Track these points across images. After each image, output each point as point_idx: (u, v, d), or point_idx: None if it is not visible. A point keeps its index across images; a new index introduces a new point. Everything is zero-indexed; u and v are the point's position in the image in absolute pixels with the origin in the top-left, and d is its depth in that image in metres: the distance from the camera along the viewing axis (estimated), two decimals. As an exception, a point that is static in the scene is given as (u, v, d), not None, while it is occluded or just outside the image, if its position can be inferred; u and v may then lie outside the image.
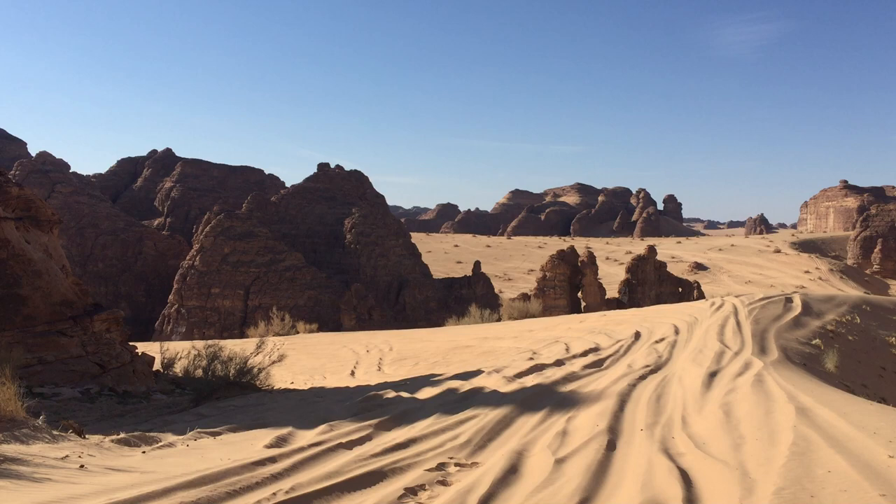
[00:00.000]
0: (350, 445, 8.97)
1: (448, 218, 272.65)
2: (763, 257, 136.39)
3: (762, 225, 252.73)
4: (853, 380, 22.04)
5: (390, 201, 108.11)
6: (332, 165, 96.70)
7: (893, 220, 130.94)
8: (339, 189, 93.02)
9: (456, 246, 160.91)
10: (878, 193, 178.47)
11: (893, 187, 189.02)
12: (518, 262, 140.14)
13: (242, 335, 54.39)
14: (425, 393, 13.56)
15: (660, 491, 6.69)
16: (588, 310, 61.36)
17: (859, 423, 8.83)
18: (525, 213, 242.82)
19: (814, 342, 24.64)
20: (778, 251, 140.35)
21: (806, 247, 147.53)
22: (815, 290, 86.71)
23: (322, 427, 10.08)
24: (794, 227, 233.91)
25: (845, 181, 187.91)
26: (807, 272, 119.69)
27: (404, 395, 13.35)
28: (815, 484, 6.41)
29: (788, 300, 32.17)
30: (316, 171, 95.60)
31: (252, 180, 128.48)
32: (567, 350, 19.73)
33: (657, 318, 27.43)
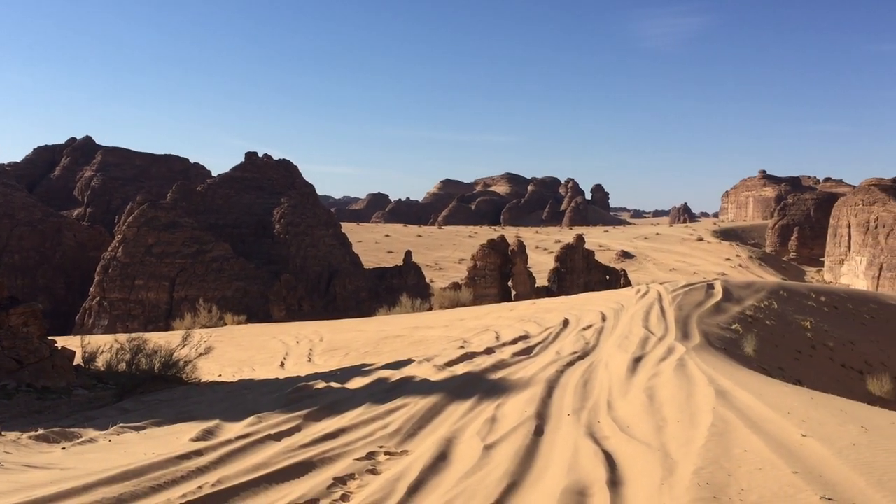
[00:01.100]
0: (279, 437, 8.89)
1: (379, 207, 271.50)
2: (686, 245, 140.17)
3: (686, 214, 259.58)
4: (770, 363, 22.87)
5: (320, 191, 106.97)
6: (261, 154, 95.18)
7: (809, 209, 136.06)
8: (268, 178, 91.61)
9: (387, 236, 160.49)
10: (794, 183, 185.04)
11: (809, 177, 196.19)
12: (449, 251, 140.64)
13: (168, 328, 53.14)
14: (356, 383, 13.51)
15: (585, 474, 6.84)
16: (518, 298, 62.01)
17: (775, 404, 9.19)
18: (456, 203, 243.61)
19: (733, 327, 25.47)
20: (700, 239, 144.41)
21: (727, 235, 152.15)
22: (736, 276, 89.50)
23: (250, 419, 9.96)
24: (715, 215, 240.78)
25: (764, 171, 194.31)
26: (728, 259, 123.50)
27: (335, 385, 13.28)
28: (733, 463, 6.65)
29: (710, 287, 33.13)
30: (244, 160, 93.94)
31: (177, 169, 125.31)
32: (497, 338, 19.91)
33: (585, 306, 27.92)
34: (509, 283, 71.11)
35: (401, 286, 75.68)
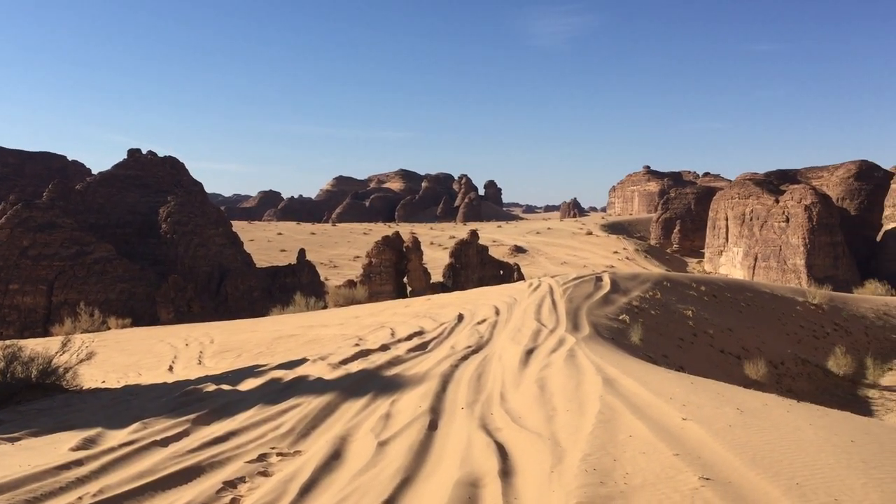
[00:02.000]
0: (165, 442, 8.60)
1: (271, 205, 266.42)
2: (577, 239, 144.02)
3: (575, 209, 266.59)
4: (655, 351, 23.80)
5: (209, 188, 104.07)
6: (145, 151, 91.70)
7: (690, 202, 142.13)
8: (153, 176, 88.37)
9: (279, 234, 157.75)
10: (676, 178, 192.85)
11: (689, 172, 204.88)
12: (343, 248, 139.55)
13: (46, 333, 50.51)
14: (248, 384, 13.23)
15: (478, 465, 6.93)
16: (414, 294, 62.18)
17: (658, 390, 9.55)
18: (350, 200, 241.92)
19: (621, 317, 26.36)
20: (590, 233, 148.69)
21: (614, 229, 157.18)
22: (623, 269, 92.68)
23: (135, 425, 9.59)
24: (604, 210, 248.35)
25: (648, 167, 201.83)
26: (615, 252, 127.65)
27: (225, 387, 12.96)
28: (618, 448, 6.88)
29: (598, 279, 34.15)
30: (126, 157, 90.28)
31: (54, 167, 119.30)
32: (392, 335, 19.90)
33: (479, 301, 28.28)
34: (405, 279, 71.21)
35: (295, 285, 74.53)
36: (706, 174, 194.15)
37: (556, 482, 6.19)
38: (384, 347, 16.96)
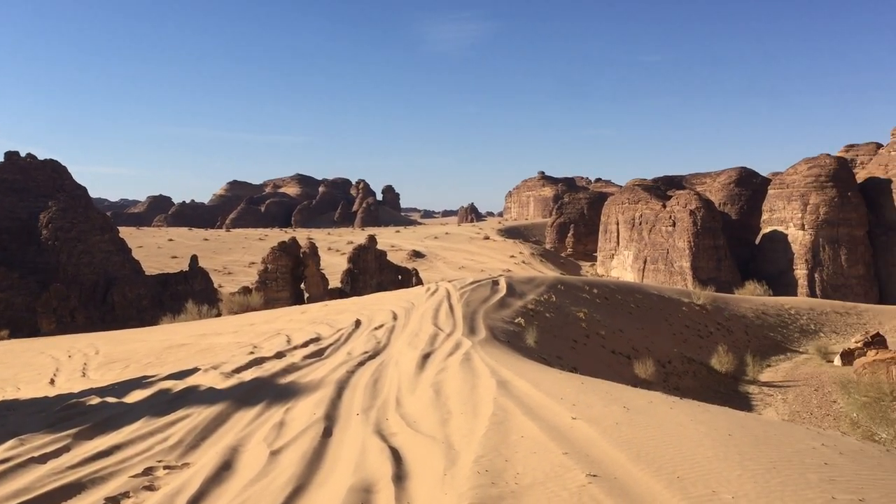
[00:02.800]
0: (43, 459, 8.18)
1: (161, 210, 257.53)
2: (474, 244, 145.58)
3: (473, 213, 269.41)
4: (550, 352, 24.32)
5: (94, 193, 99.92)
6: (24, 154, 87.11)
7: (583, 207, 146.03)
8: (33, 180, 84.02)
9: (170, 240, 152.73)
10: (570, 183, 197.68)
11: (582, 178, 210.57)
12: (238, 254, 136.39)
13: (-86, 348, 47.19)
14: (135, 396, 12.75)
15: (372, 471, 6.91)
16: (311, 300, 61.39)
17: (550, 391, 9.77)
18: (244, 205, 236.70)
19: (517, 320, 26.82)
20: (487, 238, 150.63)
21: (511, 233, 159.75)
22: (519, 272, 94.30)
23: (11, 442, 9.08)
24: (500, 214, 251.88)
25: (543, 172, 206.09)
26: (512, 256, 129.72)
27: (111, 400, 12.44)
28: (510, 449, 6.99)
29: (495, 283, 34.65)
30: (3, 160, 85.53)
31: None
32: (288, 341, 19.63)
33: (377, 306, 28.20)
34: (302, 285, 70.25)
35: (187, 292, 72.33)
36: (598, 180, 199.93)
37: (449, 484, 6.24)
38: (279, 355, 16.68)
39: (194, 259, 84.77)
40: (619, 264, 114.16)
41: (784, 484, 5.60)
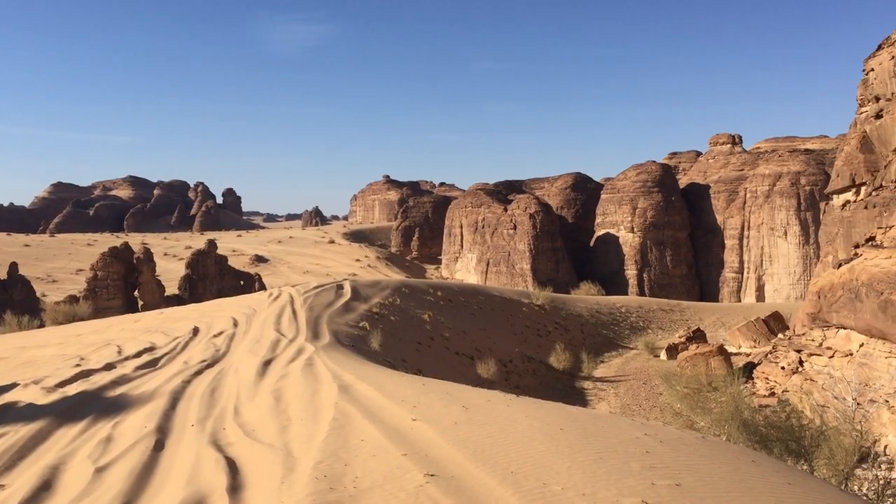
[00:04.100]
0: None
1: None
2: (319, 248, 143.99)
3: (317, 217, 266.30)
4: (395, 355, 24.45)
5: None
6: None
7: (427, 211, 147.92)
8: None
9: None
10: (415, 188, 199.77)
11: (427, 182, 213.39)
12: (64, 261, 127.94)
13: None
14: (-60, 417, 11.66)
15: (206, 483, 6.68)
16: (146, 308, 58.59)
17: (392, 393, 9.82)
18: (71, 208, 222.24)
19: (361, 324, 26.79)
20: (332, 241, 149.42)
21: (356, 237, 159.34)
22: (365, 276, 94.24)
23: None
24: (345, 218, 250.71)
25: (388, 176, 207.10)
26: (358, 260, 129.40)
27: (-88, 422, 11.32)
28: (350, 453, 6.97)
29: (340, 287, 34.46)
30: None
31: None
32: (119, 352, 18.63)
33: (217, 313, 27.30)
34: (136, 293, 66.89)
35: (5, 302, 67.00)
36: (442, 184, 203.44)
37: (287, 492, 6.13)
38: (109, 366, 15.80)
39: (14, 266, 78.53)
40: (463, 267, 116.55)
41: (609, 473, 5.91)
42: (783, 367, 29.24)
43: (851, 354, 26.51)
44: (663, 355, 40.81)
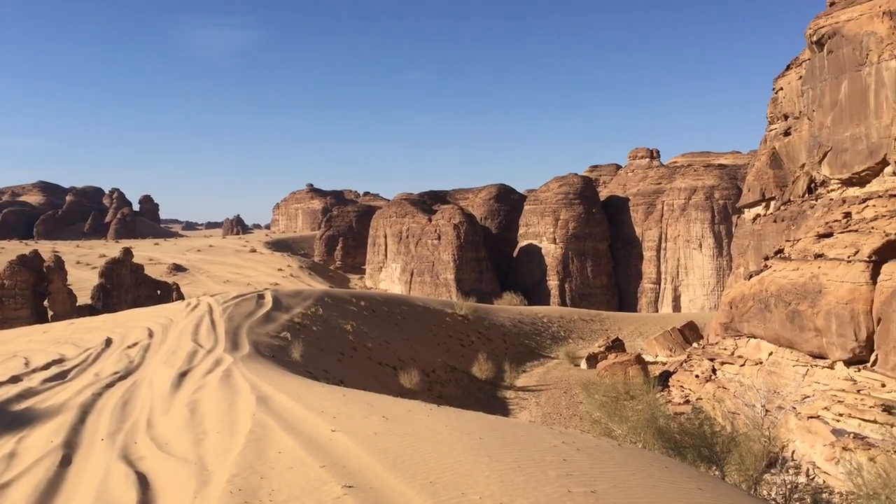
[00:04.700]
0: None
1: None
2: (240, 257, 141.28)
3: (239, 226, 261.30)
4: (316, 366, 24.16)
5: None
6: None
7: (351, 220, 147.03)
8: None
9: None
10: (339, 197, 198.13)
11: (351, 191, 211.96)
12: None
13: None
14: None
15: (114, 499, 6.45)
16: (56, 318, 56.42)
17: (311, 404, 9.70)
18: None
19: (282, 335, 26.39)
20: (254, 251, 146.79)
21: (279, 246, 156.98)
22: (287, 286, 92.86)
23: None
24: (268, 227, 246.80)
25: (311, 185, 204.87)
26: (280, 270, 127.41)
27: None
28: (266, 466, 6.84)
29: (261, 297, 33.90)
30: None
31: None
32: (26, 364, 17.89)
33: (132, 323, 26.48)
34: (45, 302, 64.36)
35: None
36: (367, 193, 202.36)
37: (200, 507, 5.98)
38: (14, 379, 15.14)
39: (-87, 275, 74.69)
40: (387, 277, 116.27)
41: (527, 481, 5.97)
42: (697, 376, 30.14)
43: (761, 363, 27.51)
44: (583, 364, 41.53)
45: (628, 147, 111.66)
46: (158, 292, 73.98)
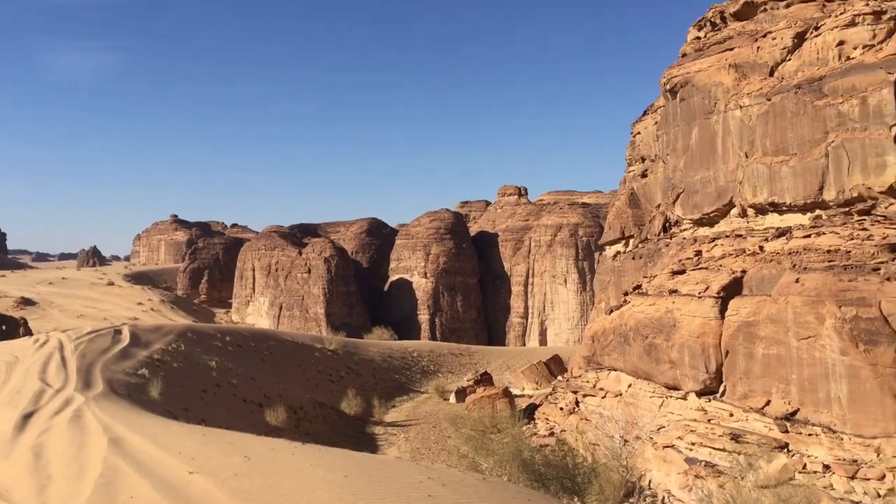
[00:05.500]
0: None
1: None
2: (96, 290, 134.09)
3: (95, 257, 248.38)
4: (176, 404, 23.19)
5: None
6: None
7: (218, 253, 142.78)
8: None
9: None
10: (205, 228, 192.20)
11: (218, 223, 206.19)
12: None
13: None
14: None
15: (-58, 556, 5.91)
16: None
17: (168, 445, 9.27)
18: None
19: (140, 372, 25.20)
20: (112, 283, 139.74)
21: (139, 279, 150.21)
22: (148, 320, 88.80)
23: None
24: (127, 259, 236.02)
25: (175, 216, 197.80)
26: (140, 304, 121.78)
27: None
28: (117, 512, 6.47)
29: (117, 332, 32.30)
30: None
31: None
32: None
33: (-30, 361, 24.58)
34: None
35: None
36: (234, 225, 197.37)
37: (41, 560, 5.57)
38: None
39: None
40: (255, 311, 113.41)
41: (391, 519, 5.92)
42: (562, 408, 30.97)
43: (621, 394, 28.62)
44: (453, 398, 41.80)
45: (498, 184, 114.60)
46: (3, 327, 69.02)
